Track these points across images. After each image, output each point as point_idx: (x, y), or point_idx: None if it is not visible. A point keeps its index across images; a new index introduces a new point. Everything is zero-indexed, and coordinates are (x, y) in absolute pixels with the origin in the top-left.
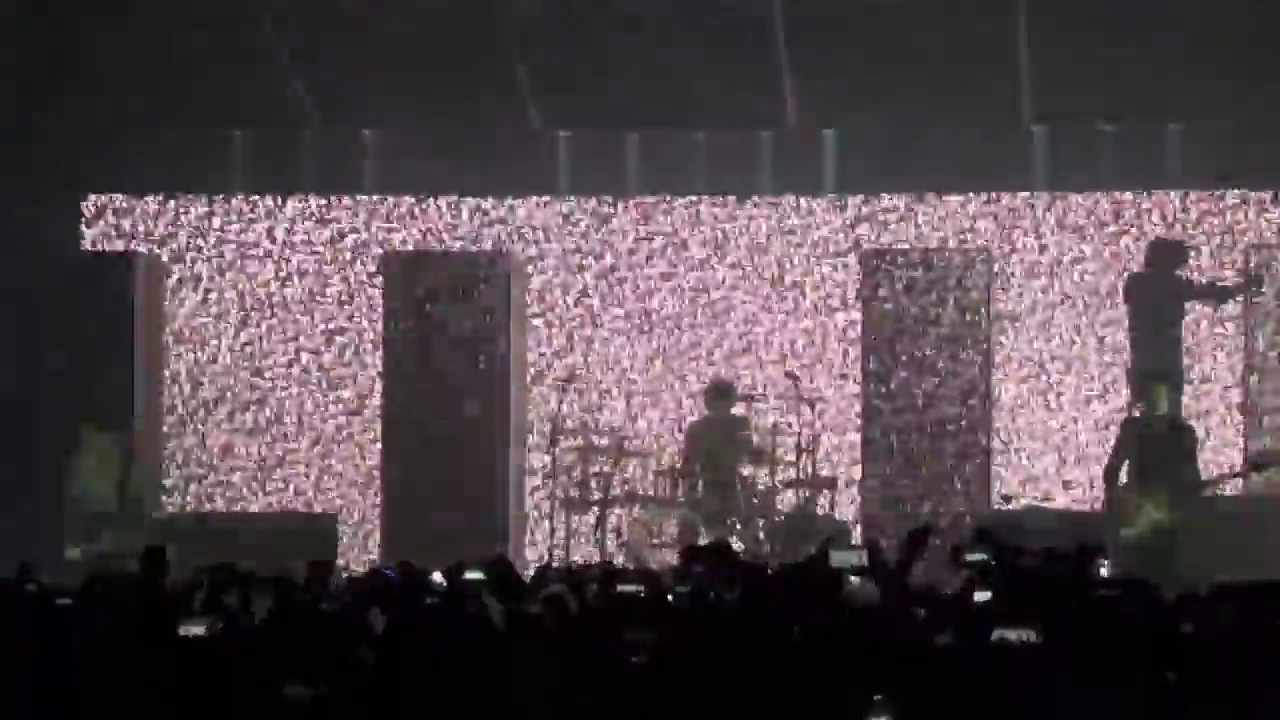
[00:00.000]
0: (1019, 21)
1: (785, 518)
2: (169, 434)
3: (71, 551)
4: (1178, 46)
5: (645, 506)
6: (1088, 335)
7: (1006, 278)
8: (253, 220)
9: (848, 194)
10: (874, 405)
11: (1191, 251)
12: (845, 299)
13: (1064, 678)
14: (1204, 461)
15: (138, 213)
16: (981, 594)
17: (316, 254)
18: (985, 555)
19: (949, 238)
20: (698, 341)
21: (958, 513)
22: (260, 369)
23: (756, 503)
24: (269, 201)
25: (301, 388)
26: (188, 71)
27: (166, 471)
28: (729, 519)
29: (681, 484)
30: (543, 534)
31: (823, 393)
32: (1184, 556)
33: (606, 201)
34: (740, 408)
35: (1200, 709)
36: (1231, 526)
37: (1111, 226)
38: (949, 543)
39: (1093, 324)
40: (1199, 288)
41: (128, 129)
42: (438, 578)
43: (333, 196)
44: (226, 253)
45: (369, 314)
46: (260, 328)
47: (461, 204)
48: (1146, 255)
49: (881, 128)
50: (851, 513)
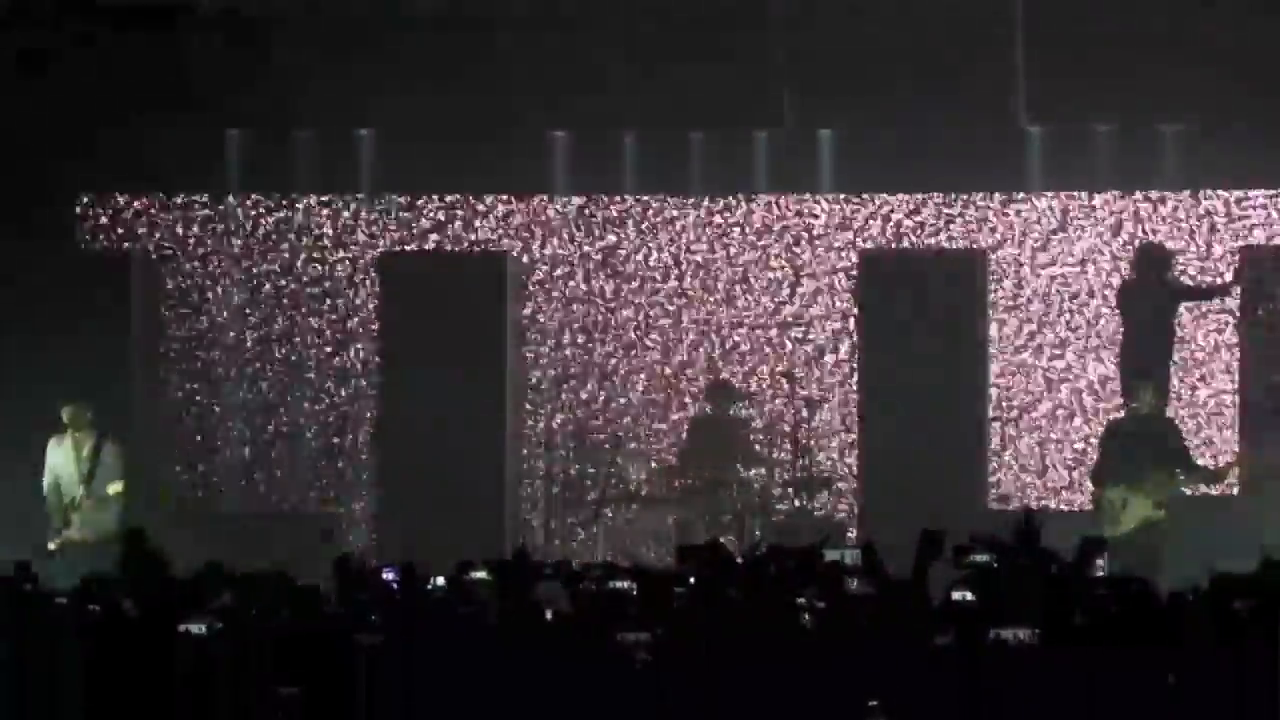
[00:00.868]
0: (1015, 23)
1: (782, 517)
2: (166, 432)
3: (53, 542)
4: (1172, 48)
5: (642, 506)
6: (1084, 335)
7: (1002, 278)
8: (249, 220)
9: (844, 194)
10: (871, 405)
11: (1177, 255)
12: (842, 299)
13: (1062, 676)
14: (1194, 457)
15: (134, 212)
16: (978, 594)
17: (313, 254)
18: (987, 556)
19: (945, 238)
20: (695, 342)
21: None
22: (257, 368)
23: (754, 502)
24: (266, 201)
25: (299, 386)
26: (184, 71)
27: (163, 469)
28: (726, 518)
29: (679, 483)
30: (540, 533)
31: (820, 393)
32: (1174, 551)
33: (603, 201)
34: (738, 408)
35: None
36: (1219, 520)
37: (1106, 226)
38: (950, 543)
39: (1089, 324)
40: (1189, 290)
41: (124, 129)
42: (441, 581)
43: (329, 196)
44: (223, 252)
45: (366, 314)
46: (257, 327)
47: (458, 204)
48: (1133, 261)
49: (877, 128)
50: (848, 513)
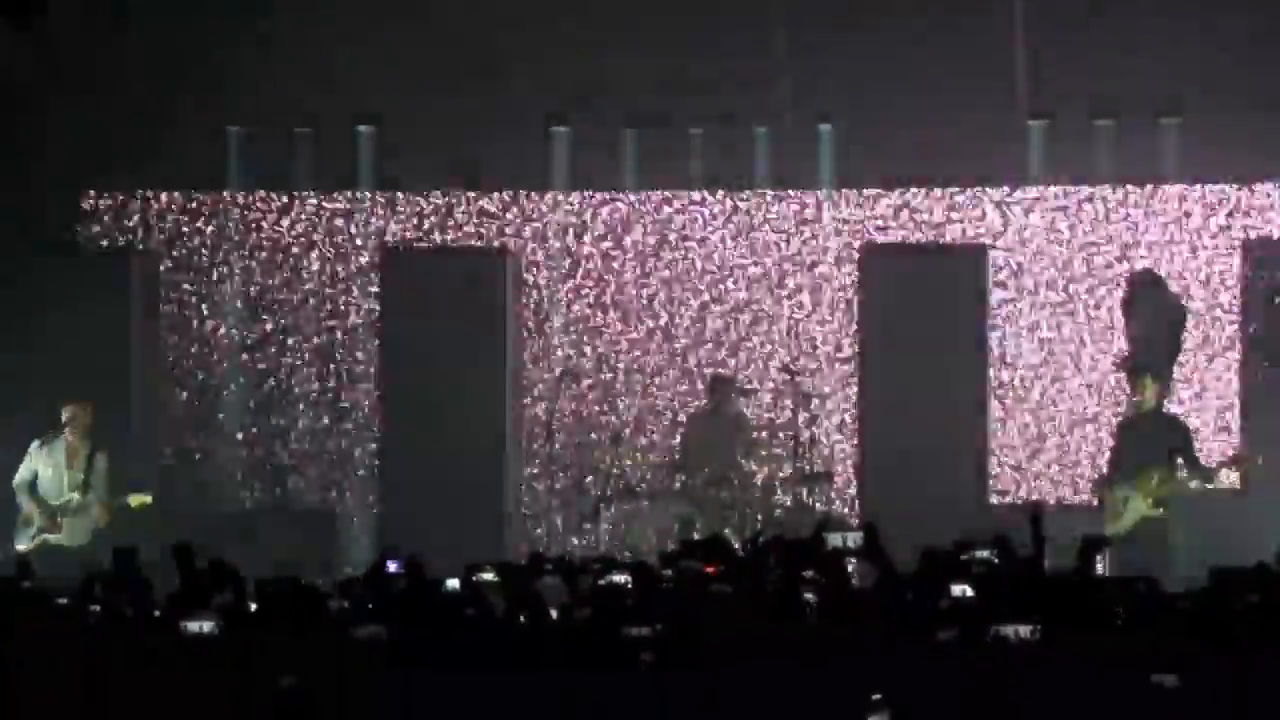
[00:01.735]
0: (1015, 17)
1: (783, 511)
2: (167, 430)
3: (24, 544)
4: (1174, 41)
5: (643, 501)
6: (1084, 329)
7: (1003, 272)
8: (250, 217)
9: (844, 189)
10: (871, 400)
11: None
12: (842, 293)
13: (1064, 672)
14: (1199, 455)
15: (135, 210)
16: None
17: (314, 250)
18: (989, 553)
19: (945, 232)
20: (695, 336)
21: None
22: (258, 365)
23: (754, 497)
24: (266, 198)
25: (299, 383)
26: (185, 69)
27: (163, 467)
28: (726, 513)
29: (679, 478)
30: (541, 529)
31: (820, 388)
32: (1179, 548)
33: (604, 197)
34: (738, 403)
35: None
36: (1222, 518)
37: (1109, 220)
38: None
39: (1089, 318)
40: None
41: (125, 127)
42: (453, 583)
43: (330, 193)
44: (224, 249)
45: (367, 310)
46: (258, 324)
47: (458, 199)
48: (1129, 291)
49: (878, 122)
50: (849, 507)
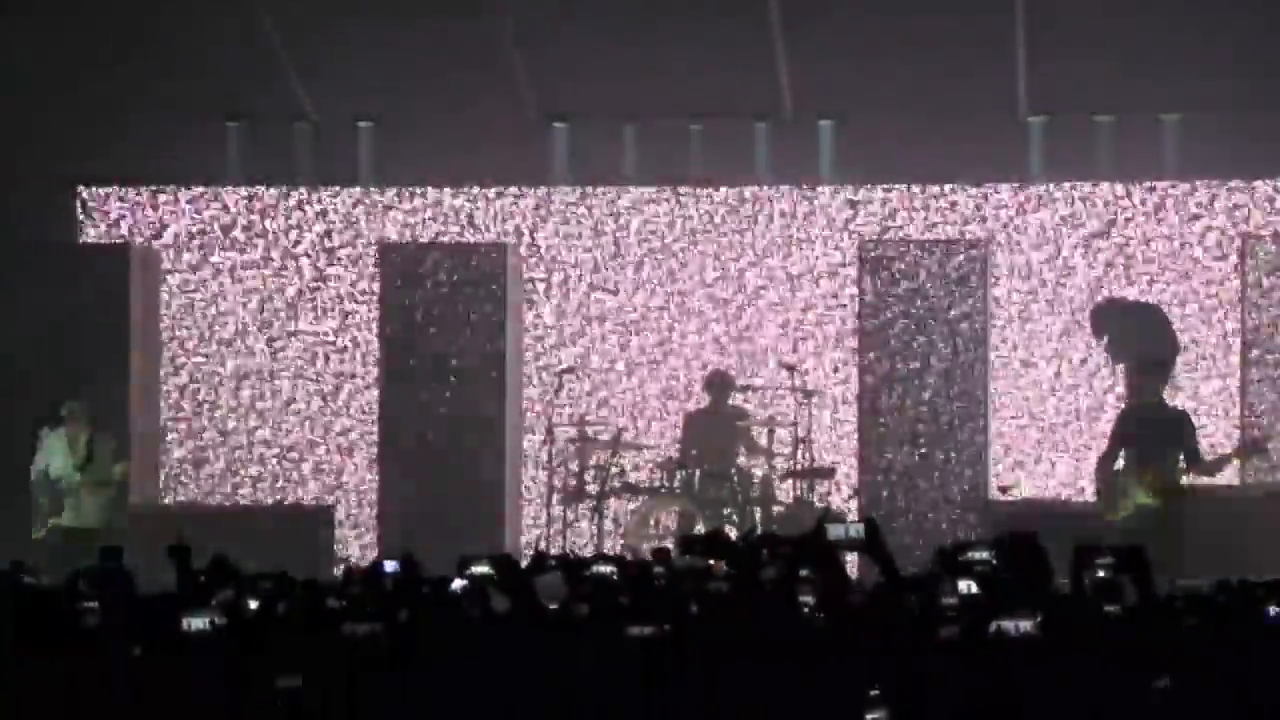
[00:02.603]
0: (1016, 12)
1: (783, 508)
2: (165, 425)
3: (37, 532)
4: (1174, 38)
5: (643, 497)
6: (1084, 326)
7: (1003, 268)
8: (249, 211)
9: (844, 184)
10: (871, 395)
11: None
12: (842, 289)
13: (1063, 671)
14: (1202, 450)
15: (133, 204)
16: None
17: (313, 245)
18: (987, 554)
19: (945, 228)
20: (695, 332)
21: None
22: (256, 360)
23: (755, 494)
24: (265, 193)
25: (298, 378)
26: (184, 62)
27: (162, 463)
28: (726, 509)
29: (679, 475)
30: (540, 525)
31: (820, 383)
32: (1187, 548)
33: (603, 192)
34: (738, 399)
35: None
36: (1228, 517)
37: (1109, 217)
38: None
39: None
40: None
41: (123, 121)
42: (459, 584)
43: (329, 188)
44: (222, 244)
45: (366, 305)
46: (256, 319)
47: (458, 195)
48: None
49: (878, 118)
50: (849, 503)
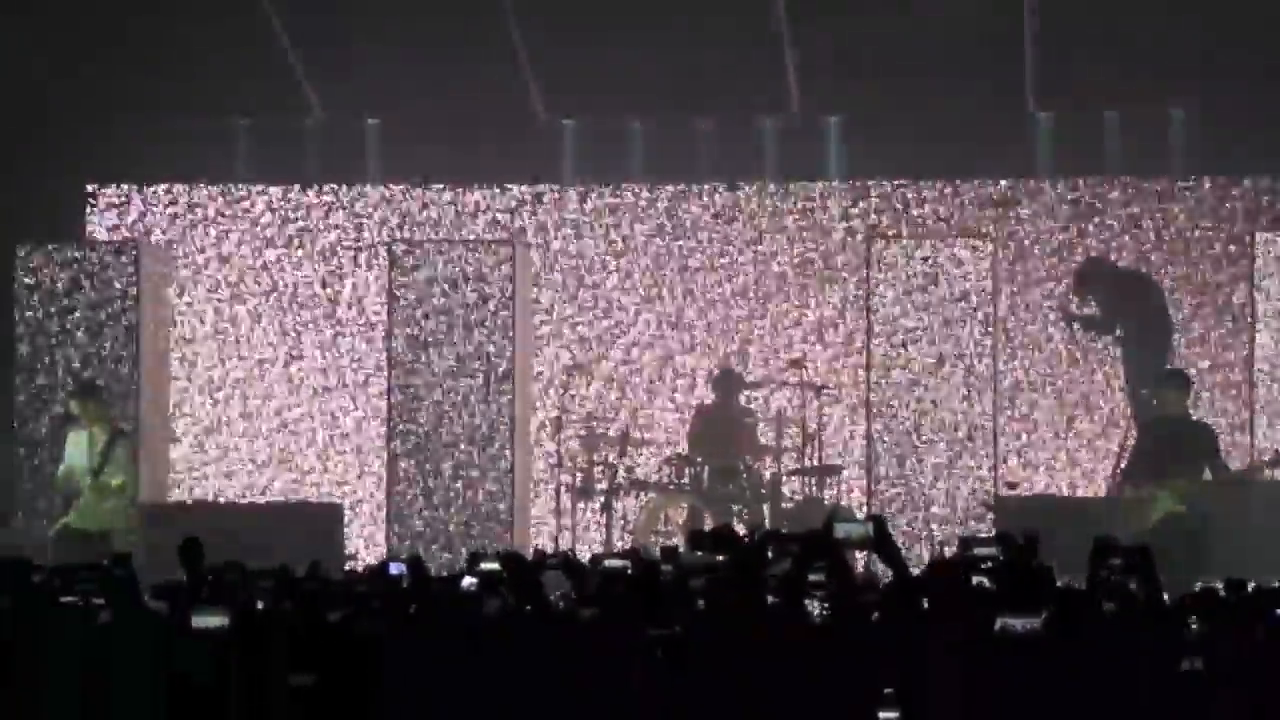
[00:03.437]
0: (1023, 7)
1: (791, 505)
2: (174, 422)
3: (52, 529)
4: (1182, 32)
5: (651, 494)
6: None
7: (1009, 263)
8: (257, 209)
9: (852, 179)
10: (879, 392)
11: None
12: (850, 285)
13: (1070, 669)
14: (1227, 459)
15: (143, 201)
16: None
17: (321, 243)
18: (995, 550)
19: (953, 223)
20: (703, 328)
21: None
22: (265, 357)
23: (763, 491)
24: (274, 190)
25: (306, 376)
26: (192, 60)
27: (170, 460)
28: (735, 506)
29: (688, 472)
30: (549, 523)
31: (828, 380)
32: (1215, 552)
33: (611, 189)
34: (746, 395)
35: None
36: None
37: (1116, 211)
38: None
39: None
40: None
41: (133, 118)
42: (468, 582)
43: (337, 185)
44: (231, 241)
45: (374, 303)
46: (265, 316)
47: (466, 192)
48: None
49: (885, 114)
50: (857, 499)
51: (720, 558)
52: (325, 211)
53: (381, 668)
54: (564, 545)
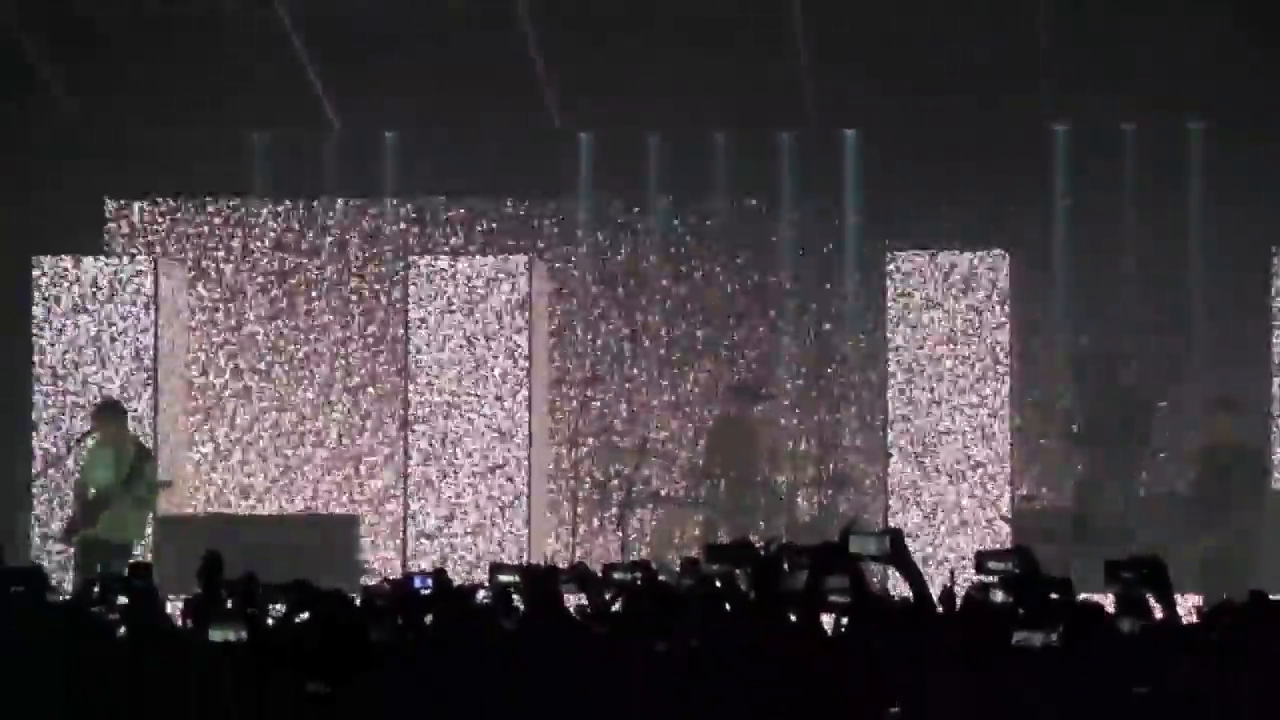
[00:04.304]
0: (1039, 20)
1: (808, 517)
2: (191, 435)
3: (75, 539)
4: (1199, 45)
5: (667, 507)
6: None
7: (1025, 276)
8: (275, 223)
9: (867, 193)
10: (893, 405)
11: None
12: (864, 298)
13: (1087, 684)
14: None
15: (159, 215)
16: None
17: (338, 256)
18: (1011, 564)
19: (969, 237)
20: (721, 341)
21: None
22: (282, 370)
23: (779, 502)
24: (290, 204)
25: (323, 389)
26: (209, 74)
27: (187, 472)
28: (751, 518)
29: (703, 484)
30: (564, 536)
31: (844, 394)
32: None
33: (628, 203)
34: (761, 408)
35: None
36: None
37: (1130, 225)
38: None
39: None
40: None
41: (150, 132)
42: (483, 595)
43: (355, 199)
44: (248, 255)
45: (391, 315)
46: (282, 330)
47: (483, 205)
48: None
49: (901, 128)
50: (872, 512)
51: (738, 570)
52: (343, 225)
53: (397, 677)
54: (579, 557)
